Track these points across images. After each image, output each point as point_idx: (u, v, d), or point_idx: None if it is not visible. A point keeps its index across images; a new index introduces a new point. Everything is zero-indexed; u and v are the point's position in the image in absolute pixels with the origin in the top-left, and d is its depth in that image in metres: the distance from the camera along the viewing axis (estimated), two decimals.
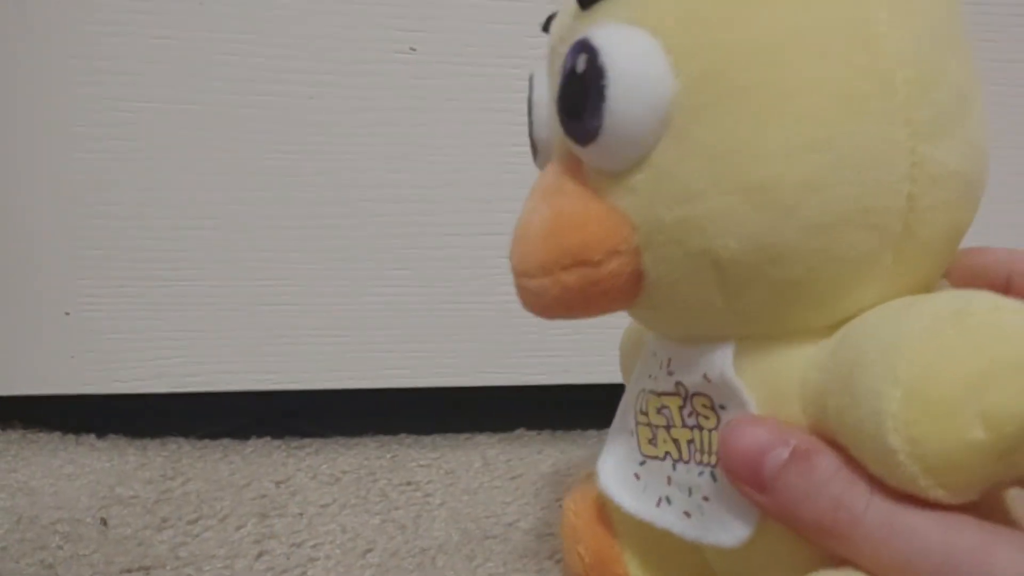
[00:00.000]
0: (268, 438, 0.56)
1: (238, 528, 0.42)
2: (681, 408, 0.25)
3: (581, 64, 0.21)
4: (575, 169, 0.24)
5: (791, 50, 0.20)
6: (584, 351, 0.55)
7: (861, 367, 0.19)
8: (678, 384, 0.25)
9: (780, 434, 0.21)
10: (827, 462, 0.20)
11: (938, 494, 0.18)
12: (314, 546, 0.41)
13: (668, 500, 0.26)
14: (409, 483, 0.49)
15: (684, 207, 0.21)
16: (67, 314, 0.53)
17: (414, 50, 0.51)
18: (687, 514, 0.25)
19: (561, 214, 0.23)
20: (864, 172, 0.20)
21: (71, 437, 0.55)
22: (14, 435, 0.55)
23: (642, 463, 0.27)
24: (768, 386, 0.22)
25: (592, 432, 0.57)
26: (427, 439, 0.56)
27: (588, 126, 0.22)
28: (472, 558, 0.40)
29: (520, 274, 0.23)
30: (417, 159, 0.52)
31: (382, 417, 0.57)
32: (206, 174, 0.52)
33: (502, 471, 0.51)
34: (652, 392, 0.26)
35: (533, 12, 0.51)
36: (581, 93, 0.21)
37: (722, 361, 0.23)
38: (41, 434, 0.56)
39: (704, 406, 0.24)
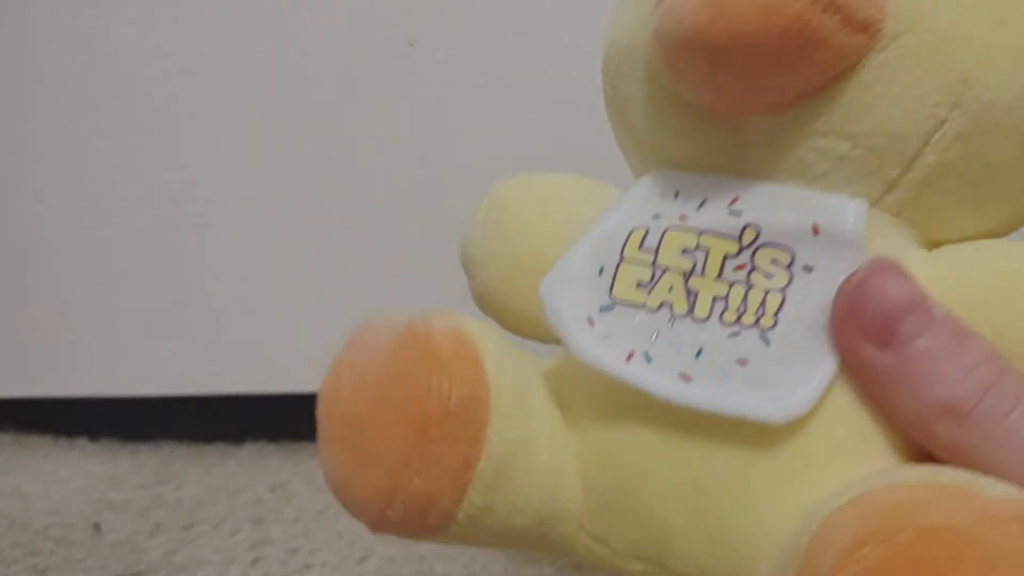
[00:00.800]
0: (264, 442, 0.55)
1: (233, 534, 0.42)
2: (728, 257, 0.20)
3: None
4: None
5: None
6: None
7: None
8: (747, 227, 0.20)
9: (923, 298, 0.19)
10: (983, 345, 0.19)
11: None
12: (310, 552, 0.40)
13: (647, 357, 0.20)
14: None
15: (977, 25, 0.18)
16: (60, 315, 0.53)
17: (413, 45, 0.51)
18: (685, 377, 0.20)
19: None
20: None
21: (64, 441, 0.55)
22: (6, 438, 0.55)
23: (607, 308, 0.21)
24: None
25: None
26: None
27: None
28: (470, 565, 0.39)
29: None
30: (417, 157, 0.52)
31: None
32: (203, 173, 0.52)
33: None
34: (680, 229, 0.21)
35: (533, 9, 0.51)
36: None
37: (856, 216, 0.19)
38: (33, 437, 0.55)
39: (774, 261, 0.20)
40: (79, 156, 0.51)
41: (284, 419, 0.57)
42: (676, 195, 0.21)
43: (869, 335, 0.18)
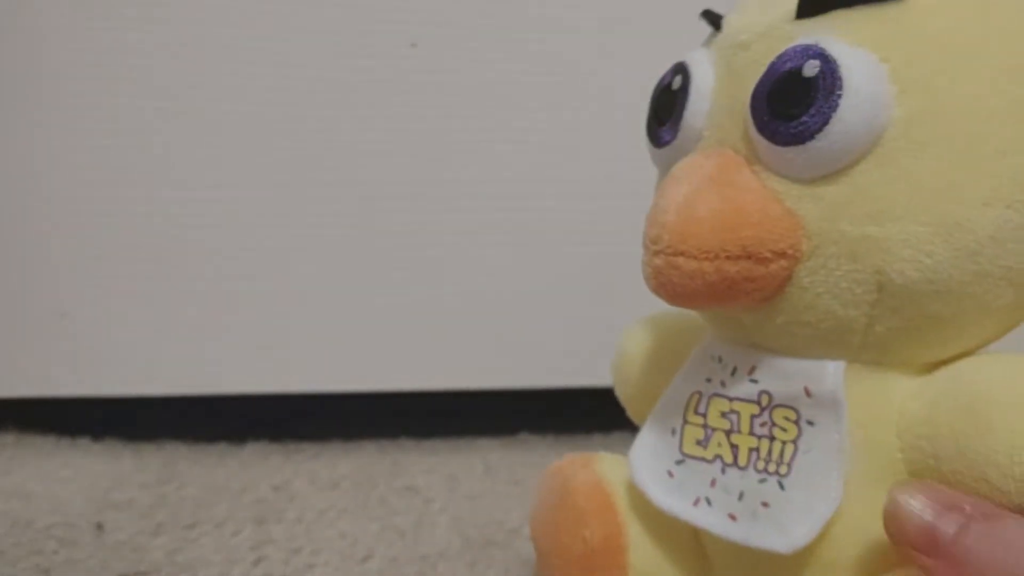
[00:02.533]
0: (266, 442, 0.55)
1: (235, 534, 0.42)
2: (755, 417, 0.26)
3: (811, 69, 0.22)
4: (741, 165, 0.25)
5: (1005, 114, 0.22)
6: (586, 354, 0.54)
7: (991, 410, 0.22)
8: (762, 393, 0.26)
9: (951, 499, 0.22)
10: (1014, 523, 0.21)
11: None
12: (312, 552, 0.40)
13: (708, 501, 0.27)
14: (409, 488, 0.48)
15: (874, 227, 0.23)
16: (62, 315, 0.53)
17: (415, 46, 0.50)
18: (732, 517, 0.26)
19: (738, 207, 0.24)
20: None
21: (66, 440, 0.55)
22: (9, 438, 0.55)
23: (680, 462, 0.28)
24: (868, 409, 0.24)
25: (595, 436, 0.57)
26: (427, 443, 0.56)
27: (797, 129, 0.23)
28: (474, 565, 0.39)
29: (675, 253, 0.24)
30: (417, 157, 0.52)
31: (382, 421, 0.57)
32: (204, 173, 0.51)
33: (504, 476, 0.50)
34: (719, 396, 0.27)
35: (532, 9, 0.51)
36: (806, 97, 0.22)
37: (834, 378, 0.24)
38: (36, 437, 0.55)
39: (786, 419, 0.25)
40: (81, 156, 0.51)
41: (286, 419, 0.57)
42: (720, 359, 0.28)
43: (920, 549, 0.22)
